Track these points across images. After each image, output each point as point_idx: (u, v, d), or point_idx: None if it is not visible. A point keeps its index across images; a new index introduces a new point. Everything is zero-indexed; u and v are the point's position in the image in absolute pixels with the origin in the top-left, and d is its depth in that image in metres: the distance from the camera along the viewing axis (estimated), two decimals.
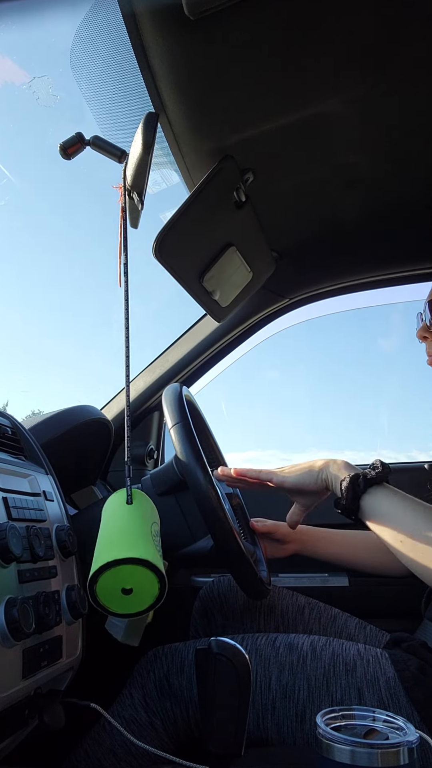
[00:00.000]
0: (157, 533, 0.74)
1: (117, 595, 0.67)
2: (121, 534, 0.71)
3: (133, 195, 0.92)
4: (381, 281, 1.44)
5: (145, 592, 0.67)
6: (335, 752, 0.47)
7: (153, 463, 1.60)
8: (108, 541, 0.69)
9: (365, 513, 0.81)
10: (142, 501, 0.76)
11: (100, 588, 0.66)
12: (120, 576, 0.66)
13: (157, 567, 0.65)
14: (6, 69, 1.07)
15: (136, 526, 0.72)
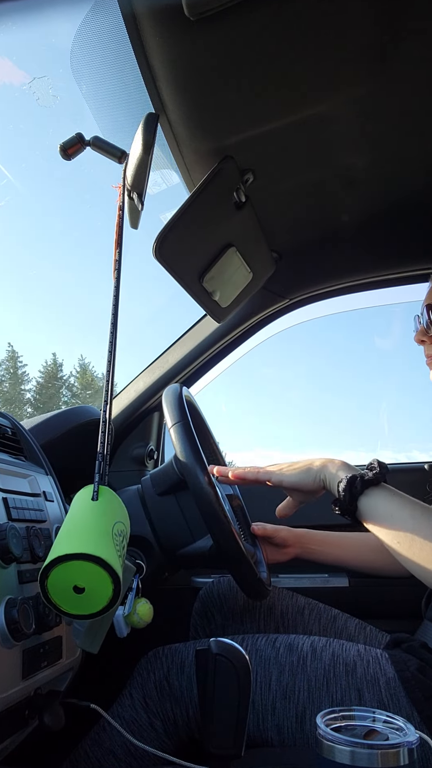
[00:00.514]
0: (121, 533, 0.71)
1: (69, 593, 0.64)
2: (78, 529, 0.67)
3: (133, 195, 0.92)
4: (381, 281, 1.44)
5: (98, 592, 0.64)
6: (335, 753, 0.47)
7: (153, 463, 1.60)
8: (64, 535, 0.66)
9: (363, 514, 0.80)
10: (109, 498, 0.73)
11: (51, 583, 0.63)
12: (72, 573, 0.63)
13: (111, 567, 0.62)
14: (6, 69, 1.07)
15: (96, 522, 0.68)
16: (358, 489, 0.80)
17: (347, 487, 0.81)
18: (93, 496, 0.72)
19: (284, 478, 0.89)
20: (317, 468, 0.88)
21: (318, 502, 1.51)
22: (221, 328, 1.47)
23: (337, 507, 0.83)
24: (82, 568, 0.62)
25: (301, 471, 0.89)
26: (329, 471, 0.86)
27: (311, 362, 26.63)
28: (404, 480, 1.50)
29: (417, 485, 1.40)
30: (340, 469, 0.85)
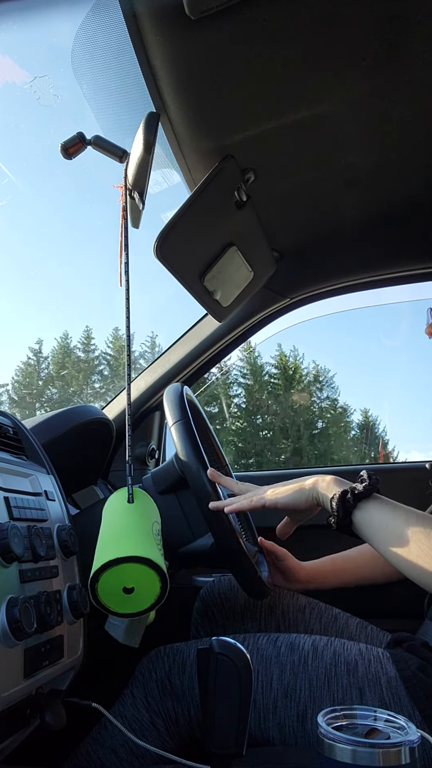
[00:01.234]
0: (158, 532, 0.74)
1: (118, 594, 0.66)
2: (122, 533, 0.70)
3: (134, 195, 0.93)
4: (382, 281, 1.44)
5: (147, 591, 0.66)
6: (337, 752, 0.47)
7: (154, 462, 1.60)
8: (109, 540, 0.69)
9: (358, 527, 0.81)
10: (143, 500, 0.76)
11: (101, 587, 0.65)
12: (121, 575, 0.65)
13: (159, 565, 0.65)
14: (7, 69, 1.07)
15: (138, 524, 0.71)
16: (350, 503, 0.81)
17: (340, 502, 0.81)
18: (129, 498, 0.73)
19: (278, 500, 0.90)
20: (309, 487, 0.88)
21: None
22: (222, 327, 1.47)
23: (333, 524, 0.84)
24: (132, 569, 0.65)
25: (294, 491, 0.90)
26: (321, 488, 0.87)
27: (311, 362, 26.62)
28: (404, 479, 1.51)
29: (417, 484, 1.40)
30: (331, 484, 0.85)
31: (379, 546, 0.79)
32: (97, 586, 0.65)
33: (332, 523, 0.83)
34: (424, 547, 0.74)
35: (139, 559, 0.64)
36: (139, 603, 0.67)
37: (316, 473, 0.91)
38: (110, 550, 0.66)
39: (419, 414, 22.31)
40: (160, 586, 0.66)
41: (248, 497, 0.91)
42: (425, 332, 1.10)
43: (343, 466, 1.64)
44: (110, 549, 0.66)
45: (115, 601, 0.67)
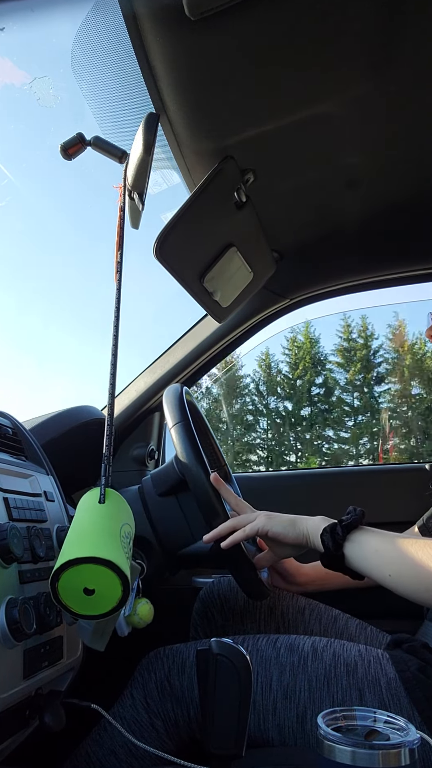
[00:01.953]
0: (127, 535, 0.72)
1: (79, 594, 0.65)
2: (88, 532, 0.68)
3: (133, 195, 0.92)
4: (381, 281, 1.44)
5: (108, 594, 0.65)
6: (336, 753, 0.47)
7: (154, 463, 1.60)
8: (74, 539, 0.67)
9: (351, 559, 0.83)
10: (115, 501, 0.74)
11: (62, 586, 0.64)
12: (82, 575, 0.64)
13: (121, 569, 0.63)
14: (6, 69, 1.07)
15: (105, 525, 0.69)
16: (340, 535, 0.83)
17: (329, 536, 0.84)
18: (100, 498, 0.72)
19: (270, 528, 0.92)
20: (301, 522, 0.91)
21: (321, 502, 1.51)
22: (222, 328, 1.47)
23: (325, 559, 0.85)
24: (93, 570, 0.63)
25: (285, 524, 0.92)
26: (309, 526, 0.90)
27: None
28: (404, 480, 1.51)
29: (417, 486, 1.40)
30: (320, 522, 0.88)
31: (373, 572, 0.81)
32: (58, 585, 0.64)
33: (324, 558, 0.85)
34: (417, 566, 0.76)
35: (99, 561, 0.63)
36: (101, 606, 0.65)
37: (317, 473, 0.92)
38: (72, 550, 0.64)
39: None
40: (121, 589, 0.64)
41: (242, 522, 0.92)
42: (425, 335, 1.11)
43: (344, 466, 1.64)
44: (72, 548, 0.64)
45: (76, 601, 0.65)
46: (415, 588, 0.77)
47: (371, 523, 0.86)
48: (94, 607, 0.66)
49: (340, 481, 1.55)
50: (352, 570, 0.84)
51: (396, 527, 1.19)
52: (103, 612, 0.66)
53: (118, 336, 0.80)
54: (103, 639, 0.78)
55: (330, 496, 1.51)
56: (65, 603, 0.65)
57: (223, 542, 0.91)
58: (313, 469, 1.66)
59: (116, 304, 0.82)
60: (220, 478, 0.94)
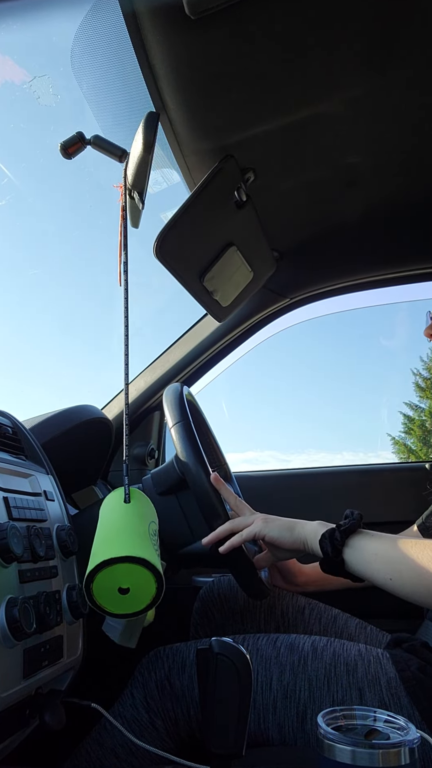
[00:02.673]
0: (155, 533, 0.73)
1: (114, 594, 0.66)
2: (118, 532, 0.69)
3: (133, 194, 0.92)
4: (381, 281, 1.44)
5: (142, 591, 0.66)
6: (336, 752, 0.47)
7: (154, 462, 1.60)
8: (105, 540, 0.68)
9: (350, 564, 0.83)
10: (140, 500, 0.75)
11: (96, 587, 0.65)
12: (116, 575, 0.65)
13: (155, 566, 0.64)
14: (6, 68, 1.07)
15: (134, 524, 0.71)
16: (339, 540, 0.83)
17: (328, 542, 0.83)
18: (125, 498, 0.73)
19: (267, 532, 0.92)
20: (299, 527, 0.91)
21: (321, 501, 1.50)
22: (222, 327, 1.47)
23: (324, 565, 0.85)
24: (127, 570, 0.64)
25: (283, 528, 0.92)
26: (307, 531, 0.89)
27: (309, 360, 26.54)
28: (404, 480, 1.51)
29: (417, 485, 1.40)
30: (318, 527, 0.88)
31: (373, 576, 0.81)
32: (93, 586, 0.65)
33: (323, 564, 0.85)
34: (417, 567, 0.76)
35: (134, 560, 0.64)
36: (135, 604, 0.66)
37: (317, 472, 0.92)
38: (105, 551, 0.65)
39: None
40: (155, 586, 0.65)
41: (240, 525, 0.92)
42: (424, 334, 1.12)
43: (344, 466, 1.64)
44: (105, 549, 0.65)
45: (110, 601, 0.66)
46: (417, 590, 0.77)
47: (371, 522, 0.86)
48: (129, 606, 0.66)
49: (340, 481, 1.55)
50: (353, 574, 0.84)
51: (396, 527, 1.19)
52: (138, 609, 0.67)
53: (129, 336, 0.81)
54: (134, 636, 0.79)
55: (330, 495, 1.51)
56: (100, 604, 0.65)
57: (221, 547, 0.91)
58: (314, 469, 1.66)
59: (125, 304, 0.82)
60: (220, 478, 0.94)
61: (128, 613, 0.67)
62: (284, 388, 23.76)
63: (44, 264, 21.26)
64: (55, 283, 21.47)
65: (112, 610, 0.67)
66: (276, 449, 23.90)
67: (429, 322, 1.11)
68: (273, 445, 23.54)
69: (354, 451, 18.00)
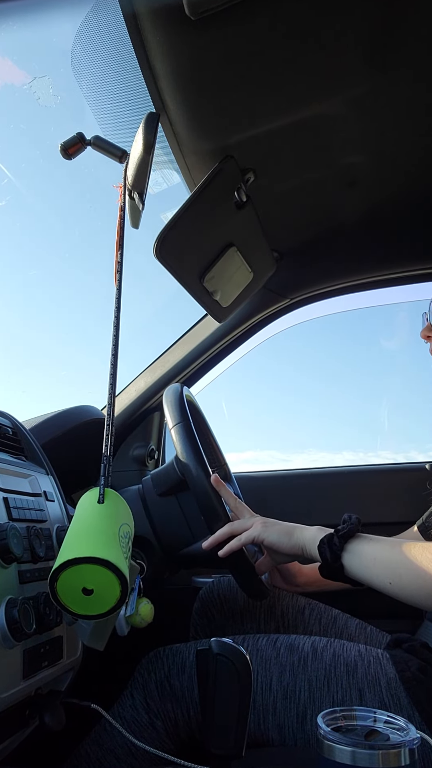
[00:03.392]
0: (126, 535, 0.72)
1: (78, 595, 0.65)
2: (86, 532, 0.68)
3: (134, 195, 0.92)
4: (381, 281, 1.44)
5: (106, 594, 0.65)
6: (336, 753, 0.47)
7: (154, 463, 1.60)
8: (72, 539, 0.67)
9: (350, 570, 0.83)
10: (114, 501, 0.74)
11: (60, 586, 0.64)
12: (81, 575, 0.64)
13: (119, 569, 0.63)
14: (6, 69, 1.07)
15: (103, 525, 0.69)
16: (337, 545, 0.83)
17: (326, 547, 0.83)
18: (99, 498, 0.72)
19: (265, 537, 0.92)
20: (298, 533, 0.91)
21: (321, 502, 1.50)
22: (222, 327, 1.47)
23: (324, 571, 0.85)
24: (91, 570, 0.63)
25: (281, 533, 0.92)
26: (306, 536, 0.89)
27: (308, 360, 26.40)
28: (404, 480, 1.51)
29: (417, 485, 1.40)
30: (317, 533, 0.88)
31: (373, 580, 0.81)
32: (56, 585, 0.64)
33: (323, 570, 0.84)
34: (416, 570, 0.76)
35: (97, 561, 0.63)
36: (99, 605, 0.66)
37: (317, 472, 0.92)
38: (71, 550, 0.64)
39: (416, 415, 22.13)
40: (119, 589, 0.64)
41: (238, 528, 0.92)
42: (420, 336, 1.12)
43: (344, 466, 1.64)
44: (71, 548, 0.65)
45: (75, 601, 0.65)
46: (417, 593, 0.76)
47: (371, 523, 0.86)
48: (93, 607, 0.66)
49: (340, 481, 1.55)
50: (352, 579, 0.84)
51: (396, 527, 1.19)
52: (102, 612, 0.66)
53: (119, 336, 0.80)
54: (102, 638, 0.78)
55: (330, 495, 1.51)
56: (64, 603, 0.65)
57: (220, 551, 0.91)
58: (314, 469, 1.66)
59: (116, 304, 0.82)
60: (220, 479, 0.94)
61: (93, 614, 0.66)
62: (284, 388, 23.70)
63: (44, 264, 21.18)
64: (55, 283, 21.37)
65: (76, 611, 0.66)
66: (276, 449, 23.82)
67: (425, 323, 1.11)
68: (273, 445, 23.46)
69: (354, 451, 17.87)
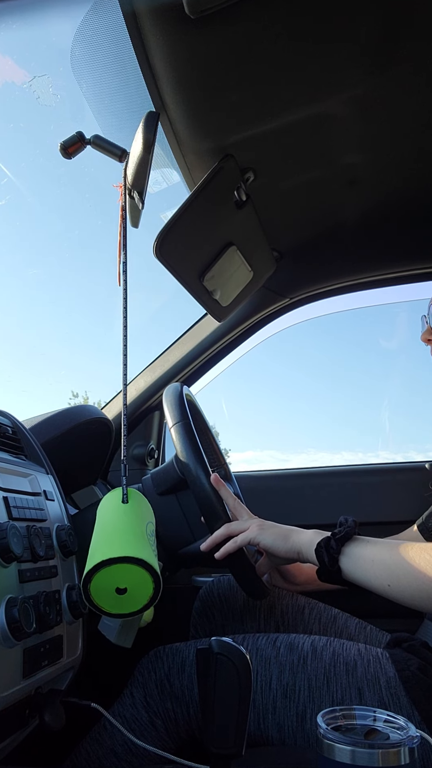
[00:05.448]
0: (152, 533, 0.73)
1: (111, 594, 0.66)
2: (116, 533, 0.69)
3: (133, 194, 0.92)
4: (381, 281, 1.44)
5: (140, 591, 0.66)
6: (336, 752, 0.47)
7: (153, 462, 1.60)
8: (102, 540, 0.68)
9: (348, 573, 0.82)
10: (137, 500, 0.75)
11: (94, 587, 0.65)
12: (114, 575, 0.65)
13: (152, 566, 0.64)
14: (6, 68, 1.07)
15: (131, 524, 0.71)
16: (334, 548, 0.82)
17: (324, 550, 0.83)
18: (123, 499, 0.73)
19: (261, 540, 0.91)
20: (294, 536, 0.90)
21: (321, 501, 1.50)
22: (222, 327, 1.47)
23: (322, 575, 0.85)
24: (124, 570, 0.64)
25: (277, 537, 0.91)
26: (304, 539, 0.89)
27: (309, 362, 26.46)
28: (404, 480, 1.51)
29: (417, 485, 1.40)
30: (314, 537, 0.88)
31: (371, 583, 0.81)
32: (90, 586, 0.65)
33: (321, 574, 0.84)
34: (414, 572, 0.76)
35: (131, 560, 0.64)
36: (133, 604, 0.66)
37: (317, 472, 0.92)
38: (103, 551, 0.65)
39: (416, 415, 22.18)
40: (153, 586, 0.65)
41: (235, 530, 0.92)
42: (421, 339, 1.11)
43: (344, 466, 1.64)
44: (103, 549, 0.66)
45: (108, 601, 0.66)
46: (416, 595, 0.76)
47: (370, 523, 0.86)
48: (126, 606, 0.67)
49: (340, 481, 1.55)
50: (351, 582, 0.83)
51: (396, 527, 1.19)
52: (136, 609, 0.67)
53: (127, 336, 0.81)
54: (130, 636, 0.79)
55: (330, 495, 1.51)
56: (98, 604, 0.65)
57: (216, 553, 0.91)
58: (313, 468, 1.66)
59: (124, 304, 0.82)
60: (220, 479, 0.94)
61: (125, 613, 0.67)
62: (284, 388, 23.77)
63: (44, 264, 21.02)
64: (55, 283, 21.28)
65: (110, 610, 0.67)
66: (275, 449, 23.87)
67: (425, 326, 1.10)
68: (272, 445, 23.50)
69: (353, 451, 17.89)
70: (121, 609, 0.67)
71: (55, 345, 21.97)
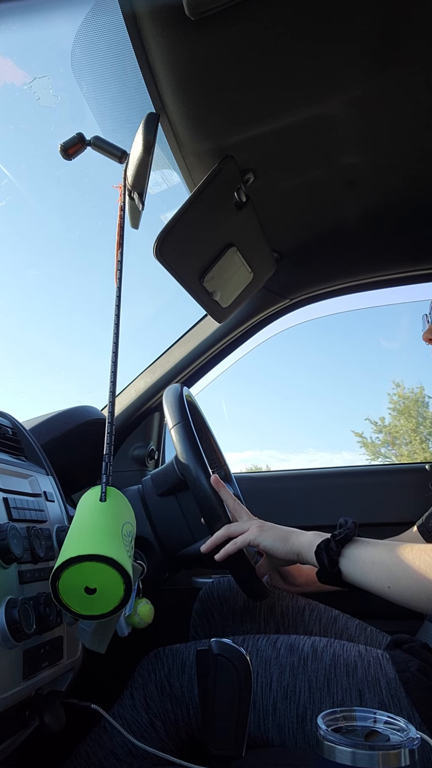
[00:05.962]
0: (129, 534, 0.71)
1: (80, 594, 0.64)
2: (89, 531, 0.67)
3: (133, 195, 0.92)
4: (382, 281, 1.44)
5: (110, 592, 0.64)
6: (336, 754, 0.47)
7: (154, 463, 1.60)
8: (75, 537, 0.66)
9: (348, 575, 0.82)
10: (116, 499, 0.73)
11: (62, 585, 0.63)
12: (84, 574, 0.63)
13: (123, 567, 0.62)
14: (6, 69, 1.07)
15: (107, 523, 0.69)
16: (334, 551, 0.82)
17: (324, 552, 0.83)
18: (101, 497, 0.72)
19: (261, 541, 0.91)
20: (294, 538, 0.90)
21: (321, 502, 1.50)
22: (222, 328, 1.47)
23: (322, 576, 0.85)
24: (94, 569, 0.63)
25: (276, 538, 0.91)
26: (304, 541, 0.89)
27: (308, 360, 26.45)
28: (404, 481, 1.51)
29: (417, 486, 1.40)
30: (314, 538, 0.87)
31: (372, 584, 0.80)
32: (58, 583, 0.63)
33: (321, 575, 0.84)
34: (414, 573, 0.76)
35: (102, 558, 0.62)
36: (102, 605, 0.64)
37: (317, 473, 0.92)
38: (74, 548, 0.63)
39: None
40: (123, 588, 0.63)
41: (235, 532, 0.92)
42: (423, 339, 1.11)
43: (344, 466, 1.64)
44: (75, 546, 0.64)
45: (76, 600, 0.64)
46: (416, 597, 0.76)
47: (370, 523, 0.86)
48: (96, 607, 0.65)
49: (340, 481, 1.55)
50: (351, 584, 0.83)
51: (396, 527, 1.19)
52: (105, 612, 0.65)
53: (119, 334, 0.80)
54: (103, 641, 0.77)
55: (330, 496, 1.51)
56: (66, 603, 0.64)
57: (216, 555, 0.91)
58: (314, 469, 1.66)
59: (117, 302, 0.82)
60: (220, 480, 0.94)
61: (95, 614, 0.65)
62: (284, 389, 23.76)
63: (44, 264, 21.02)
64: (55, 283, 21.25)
65: (78, 610, 0.65)
66: (275, 449, 23.83)
67: (426, 326, 1.10)
68: (272, 445, 23.47)
69: (353, 451, 17.94)
70: (91, 610, 0.65)
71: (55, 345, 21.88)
